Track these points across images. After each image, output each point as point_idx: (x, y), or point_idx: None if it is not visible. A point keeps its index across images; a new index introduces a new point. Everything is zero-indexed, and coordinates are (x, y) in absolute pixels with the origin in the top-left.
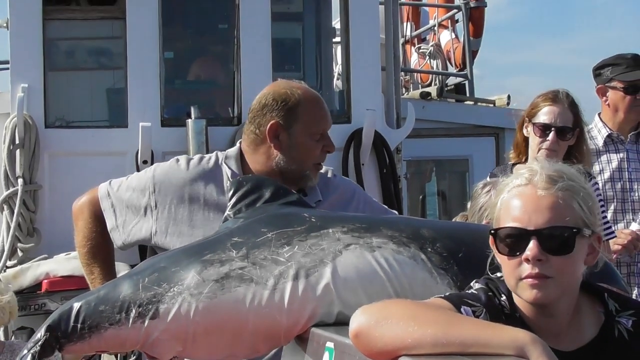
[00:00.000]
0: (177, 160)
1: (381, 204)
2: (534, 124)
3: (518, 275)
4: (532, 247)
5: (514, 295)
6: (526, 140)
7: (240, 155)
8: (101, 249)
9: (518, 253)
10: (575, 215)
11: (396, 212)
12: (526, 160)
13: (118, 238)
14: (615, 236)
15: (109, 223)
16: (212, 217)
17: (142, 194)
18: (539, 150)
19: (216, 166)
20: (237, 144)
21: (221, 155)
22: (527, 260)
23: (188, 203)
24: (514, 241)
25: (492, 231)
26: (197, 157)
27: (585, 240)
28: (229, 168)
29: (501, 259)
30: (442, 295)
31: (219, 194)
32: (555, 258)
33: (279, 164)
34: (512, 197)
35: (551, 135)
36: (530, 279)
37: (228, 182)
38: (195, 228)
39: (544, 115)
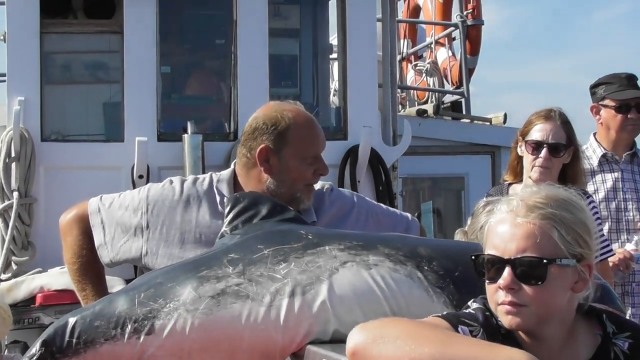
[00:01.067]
0: (171, 181)
1: (390, 209)
2: (526, 141)
3: (495, 301)
4: (505, 276)
5: None
6: (521, 159)
7: (234, 178)
8: (92, 266)
9: (495, 280)
10: (553, 245)
11: (409, 216)
12: (522, 180)
13: (106, 255)
14: (614, 254)
15: (97, 239)
16: (204, 240)
17: (134, 213)
18: (532, 168)
19: (210, 188)
20: (232, 165)
21: (215, 177)
22: (501, 287)
23: (180, 225)
24: (492, 268)
25: (473, 256)
26: (191, 178)
27: (567, 270)
28: (219, 193)
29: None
30: (439, 314)
31: (212, 218)
32: (528, 287)
33: (270, 187)
34: (496, 224)
35: (543, 152)
36: (504, 306)
37: (220, 206)
38: (187, 251)
39: (537, 132)
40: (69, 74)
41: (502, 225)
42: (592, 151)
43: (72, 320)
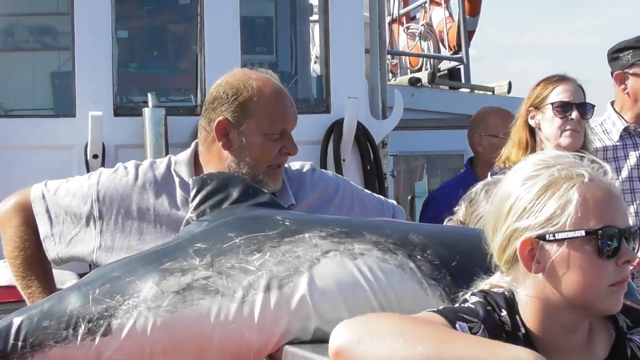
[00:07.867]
0: (125, 166)
1: (375, 195)
2: (552, 104)
3: (609, 281)
4: (638, 249)
5: (523, 309)
6: (533, 134)
7: (195, 158)
8: (37, 260)
9: (617, 255)
10: None
11: (394, 202)
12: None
13: (52, 249)
14: None
15: (42, 230)
16: (164, 231)
17: (83, 201)
18: (561, 133)
19: (168, 173)
20: (192, 145)
21: (174, 159)
22: (626, 263)
23: (137, 215)
24: (617, 243)
25: (600, 230)
26: (147, 162)
27: None
28: (178, 175)
29: (589, 263)
30: (435, 309)
31: (171, 206)
32: None
33: (231, 166)
34: (592, 193)
35: (575, 114)
36: (622, 285)
37: (180, 189)
38: (146, 243)
39: (560, 94)
40: (11, 39)
41: (605, 195)
42: (611, 124)
43: (17, 321)
